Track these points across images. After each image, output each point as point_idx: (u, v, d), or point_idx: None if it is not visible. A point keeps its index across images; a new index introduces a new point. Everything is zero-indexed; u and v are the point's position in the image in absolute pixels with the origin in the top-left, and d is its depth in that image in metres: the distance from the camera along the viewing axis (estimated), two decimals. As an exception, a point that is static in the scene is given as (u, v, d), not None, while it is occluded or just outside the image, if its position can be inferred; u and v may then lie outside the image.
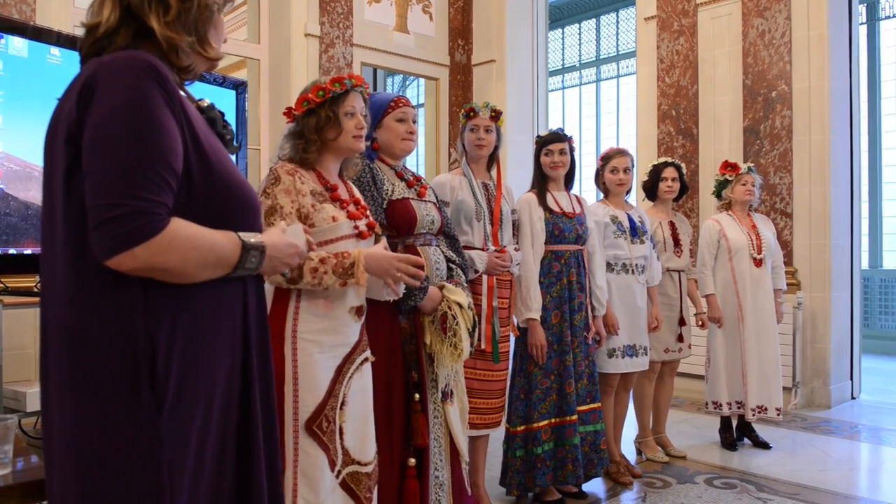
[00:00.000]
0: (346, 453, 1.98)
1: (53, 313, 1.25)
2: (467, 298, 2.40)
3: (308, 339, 1.93)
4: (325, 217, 1.98)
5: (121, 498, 1.18)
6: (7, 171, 2.60)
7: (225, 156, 1.36)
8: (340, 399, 1.97)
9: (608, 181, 3.69)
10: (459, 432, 2.46)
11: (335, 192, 2.06)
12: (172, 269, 1.18)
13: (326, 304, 1.96)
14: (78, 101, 1.19)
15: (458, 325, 2.31)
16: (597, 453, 3.26)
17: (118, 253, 1.14)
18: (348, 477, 1.98)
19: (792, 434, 4.43)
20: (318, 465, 1.90)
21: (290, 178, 1.98)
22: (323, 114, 2.04)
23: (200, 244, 1.21)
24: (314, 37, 5.54)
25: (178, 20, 1.29)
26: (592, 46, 9.24)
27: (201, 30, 1.34)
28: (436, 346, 2.35)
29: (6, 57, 2.59)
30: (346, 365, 2.00)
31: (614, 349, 3.51)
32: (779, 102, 5.22)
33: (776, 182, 5.23)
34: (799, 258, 5.16)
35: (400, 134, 2.48)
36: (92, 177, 1.15)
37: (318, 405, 1.92)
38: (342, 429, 1.97)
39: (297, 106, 2.08)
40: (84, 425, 1.19)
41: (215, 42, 1.38)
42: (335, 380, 1.96)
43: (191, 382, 1.24)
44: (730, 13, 5.48)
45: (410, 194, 2.47)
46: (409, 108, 2.52)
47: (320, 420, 1.92)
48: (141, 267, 1.16)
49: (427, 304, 2.32)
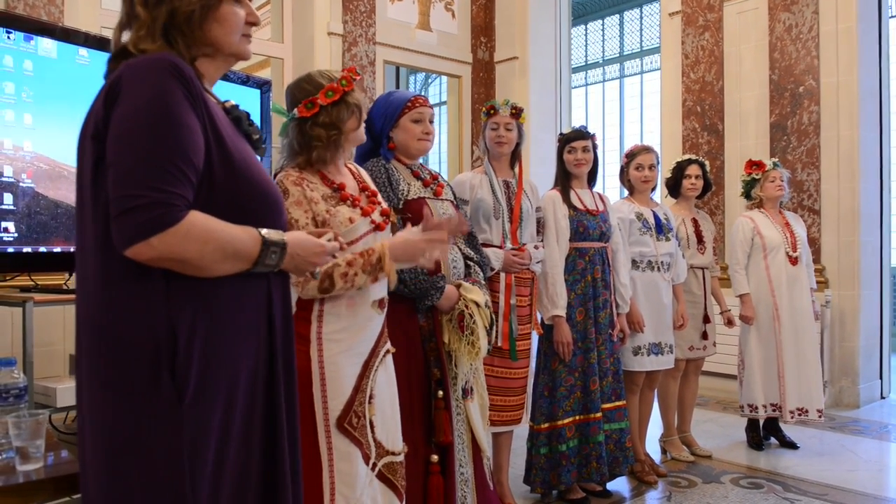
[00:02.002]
0: (379, 445, 2.00)
1: (85, 306, 1.28)
2: (485, 297, 2.40)
3: (333, 340, 1.94)
4: (342, 220, 1.97)
5: (144, 486, 1.21)
6: (37, 170, 2.64)
7: (250, 154, 1.38)
8: (368, 393, 1.98)
9: (633, 178, 3.66)
10: (481, 428, 2.47)
11: (343, 190, 2.04)
12: (190, 260, 1.20)
13: (349, 303, 1.96)
14: (105, 100, 1.24)
15: (475, 324, 2.33)
16: (622, 451, 3.24)
17: (136, 242, 1.16)
18: (384, 468, 2.01)
19: (820, 434, 4.37)
20: (353, 461, 1.92)
21: (299, 188, 1.95)
22: (347, 104, 1.99)
23: (218, 237, 1.22)
24: (337, 35, 5.57)
25: (148, 31, 1.31)
26: (616, 42, 9.17)
27: (192, 32, 1.34)
28: (454, 344, 2.36)
29: (36, 58, 2.63)
30: (372, 359, 2.01)
31: (639, 347, 3.49)
32: (806, 98, 5.15)
33: (803, 178, 5.16)
34: (827, 255, 5.09)
35: (416, 134, 2.47)
36: (114, 169, 1.19)
37: (346, 402, 1.93)
38: (372, 422, 1.98)
39: (322, 97, 1.99)
40: (110, 415, 1.22)
41: (225, 36, 1.37)
42: (362, 375, 1.98)
43: (212, 374, 1.26)
44: (756, 7, 5.41)
45: (426, 193, 2.47)
46: (425, 108, 2.50)
47: (350, 416, 1.94)
48: (158, 257, 1.17)
49: (444, 303, 2.33)
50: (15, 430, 1.75)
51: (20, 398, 1.89)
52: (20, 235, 2.57)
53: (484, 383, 2.56)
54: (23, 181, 2.59)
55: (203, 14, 1.34)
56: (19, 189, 2.58)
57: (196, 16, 1.33)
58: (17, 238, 2.57)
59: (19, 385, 1.90)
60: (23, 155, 2.60)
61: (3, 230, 2.53)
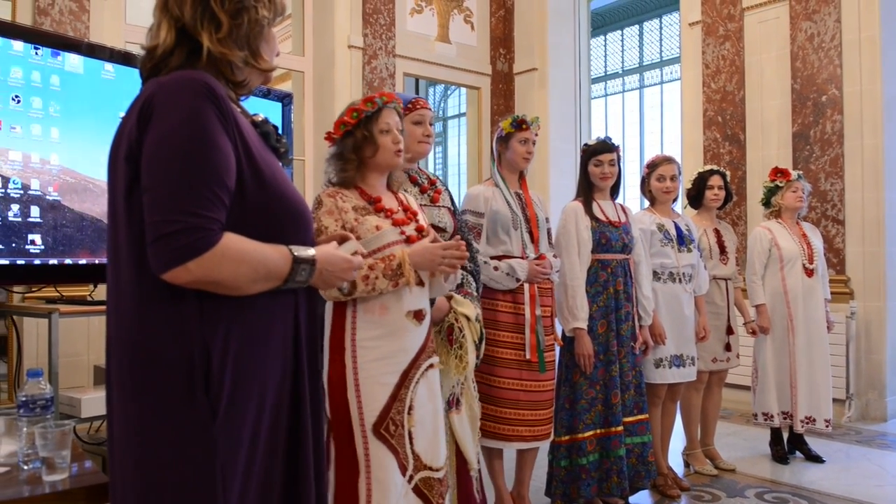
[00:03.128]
0: (416, 458, 2.01)
1: (117, 323, 1.30)
2: (476, 310, 2.40)
3: (366, 346, 1.97)
4: (369, 228, 2.03)
5: (177, 502, 1.22)
6: (63, 183, 2.68)
7: (279, 170, 1.41)
8: (408, 404, 2.00)
9: (655, 189, 3.64)
10: (468, 441, 2.42)
11: (379, 203, 2.11)
12: (224, 282, 1.23)
13: (382, 309, 2.00)
14: (138, 120, 1.25)
15: (464, 338, 2.32)
16: (644, 465, 3.21)
17: (173, 267, 1.18)
18: (421, 482, 2.01)
19: (846, 448, 4.30)
20: (388, 469, 1.93)
21: (332, 199, 2.06)
22: (359, 134, 2.11)
23: (252, 258, 1.25)
24: (357, 48, 5.61)
25: (230, 36, 1.34)
26: (635, 53, 9.16)
27: (253, 44, 1.39)
28: (441, 356, 2.34)
29: (62, 73, 2.67)
30: (412, 371, 2.03)
31: (661, 359, 3.46)
32: (829, 107, 5.10)
33: (827, 188, 5.10)
34: (852, 266, 5.02)
35: (416, 136, 2.48)
36: (149, 194, 1.21)
37: (382, 409, 1.95)
38: (412, 433, 2.00)
39: (335, 129, 2.16)
40: (143, 432, 1.24)
41: (268, 55, 1.43)
42: (400, 384, 2.00)
43: (243, 389, 1.28)
44: (777, 17, 5.38)
45: (422, 200, 2.48)
46: (426, 110, 2.52)
47: (387, 423, 1.95)
48: (194, 280, 1.20)
49: (434, 315, 2.30)
50: (41, 441, 1.76)
51: (47, 409, 1.91)
52: (46, 248, 2.61)
53: (475, 395, 2.52)
54: (49, 194, 2.63)
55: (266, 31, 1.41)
56: (46, 202, 2.62)
57: (265, 30, 1.40)
58: (44, 250, 2.60)
59: (46, 396, 1.91)
60: (49, 168, 2.64)
61: (30, 242, 2.56)
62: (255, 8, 1.36)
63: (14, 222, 2.52)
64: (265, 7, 1.39)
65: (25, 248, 2.55)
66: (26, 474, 1.82)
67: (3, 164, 2.50)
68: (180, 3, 1.33)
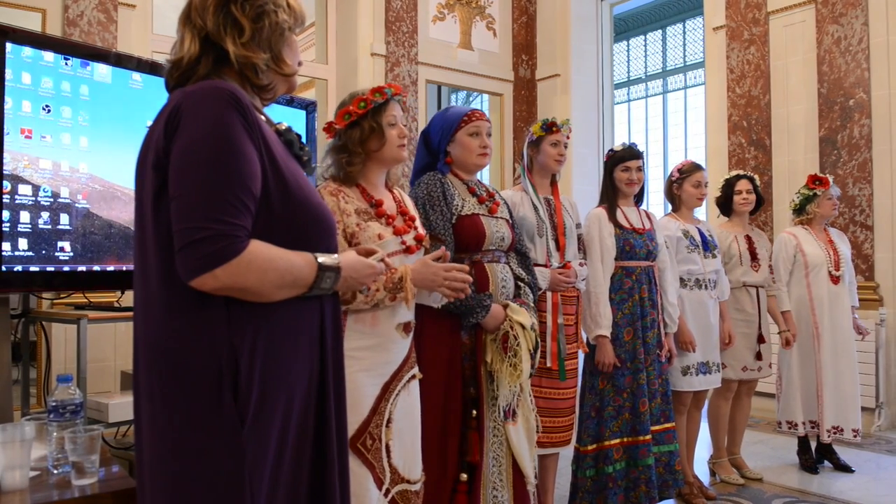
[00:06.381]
0: (394, 471, 1.97)
1: (145, 330, 1.31)
2: (531, 319, 2.36)
3: (354, 357, 1.90)
4: (371, 236, 1.98)
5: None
6: (91, 191, 2.72)
7: (303, 178, 1.42)
8: (386, 417, 1.96)
9: (688, 195, 3.59)
10: (525, 453, 2.39)
11: (380, 207, 2.05)
12: (251, 289, 1.24)
13: (373, 320, 1.96)
14: (165, 130, 1.27)
15: (518, 346, 2.28)
16: (671, 474, 3.17)
17: (201, 274, 1.20)
18: (398, 496, 1.98)
19: (876, 457, 4.22)
20: (364, 484, 1.89)
21: (334, 199, 1.99)
22: (366, 125, 2.03)
23: (277, 265, 1.26)
24: (380, 56, 5.64)
25: (252, 40, 1.36)
26: (659, 58, 9.11)
27: (275, 48, 1.41)
28: (496, 364, 2.31)
29: (91, 83, 2.71)
30: (394, 383, 1.99)
31: (688, 367, 3.42)
32: (857, 111, 5.03)
33: (855, 193, 5.03)
34: (881, 272, 4.94)
35: (474, 149, 2.46)
36: (177, 202, 1.22)
37: (361, 423, 1.91)
38: (388, 446, 1.96)
39: (339, 119, 2.07)
40: (173, 437, 1.25)
41: (290, 59, 1.45)
42: (381, 397, 1.96)
43: (271, 395, 1.29)
44: (803, 20, 5.32)
45: (481, 210, 2.45)
46: (482, 121, 2.48)
47: (364, 438, 1.92)
48: (222, 287, 1.21)
49: (490, 322, 2.29)
50: (71, 445, 1.79)
51: (76, 414, 1.93)
52: (75, 255, 2.65)
53: (533, 406, 2.49)
54: (78, 202, 2.67)
55: (288, 35, 1.43)
56: (74, 209, 2.66)
57: (286, 34, 1.42)
58: (73, 257, 2.64)
59: (76, 401, 1.94)
60: (78, 176, 2.68)
61: (60, 249, 2.60)
62: (275, 12, 1.38)
63: (44, 230, 2.56)
64: (285, 12, 1.41)
65: (55, 255, 2.58)
66: (56, 478, 1.85)
67: (34, 172, 2.54)
68: (203, 12, 1.35)
